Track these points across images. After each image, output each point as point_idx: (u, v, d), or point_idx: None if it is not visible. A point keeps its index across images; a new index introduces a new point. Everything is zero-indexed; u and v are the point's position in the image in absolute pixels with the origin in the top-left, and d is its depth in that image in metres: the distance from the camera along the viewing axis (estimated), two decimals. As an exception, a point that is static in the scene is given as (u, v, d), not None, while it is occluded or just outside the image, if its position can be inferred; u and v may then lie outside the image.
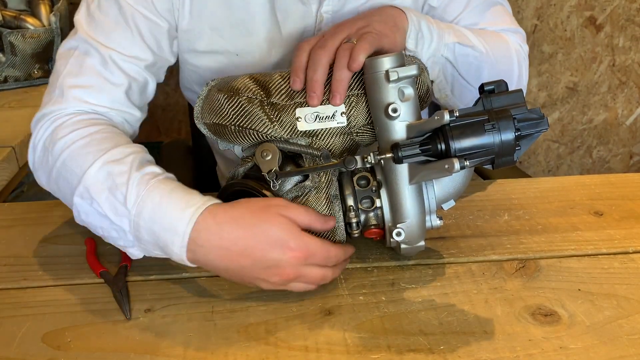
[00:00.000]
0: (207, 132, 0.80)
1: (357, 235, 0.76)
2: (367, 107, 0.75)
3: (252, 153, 0.78)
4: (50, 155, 0.79)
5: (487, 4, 0.97)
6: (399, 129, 0.71)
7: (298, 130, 0.75)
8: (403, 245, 0.75)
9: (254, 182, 0.75)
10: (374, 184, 0.75)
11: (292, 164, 0.77)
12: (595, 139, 2.35)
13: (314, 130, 0.75)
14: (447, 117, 0.66)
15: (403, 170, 0.72)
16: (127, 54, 0.85)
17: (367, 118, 0.75)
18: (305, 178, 0.76)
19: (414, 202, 0.73)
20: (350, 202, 0.75)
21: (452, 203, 0.76)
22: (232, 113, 0.76)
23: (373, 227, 0.75)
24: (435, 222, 0.76)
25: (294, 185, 0.76)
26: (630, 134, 2.35)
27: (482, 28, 0.95)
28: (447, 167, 0.65)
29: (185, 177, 0.88)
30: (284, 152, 0.76)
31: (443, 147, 0.67)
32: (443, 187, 0.75)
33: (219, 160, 1.21)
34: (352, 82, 0.75)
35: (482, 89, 0.69)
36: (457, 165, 0.64)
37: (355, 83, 0.75)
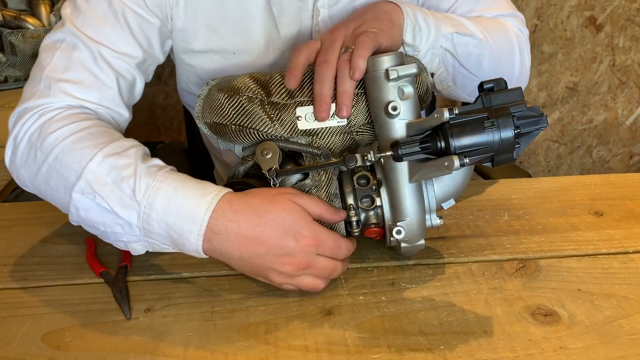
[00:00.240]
0: (207, 131, 0.80)
1: (357, 234, 0.76)
2: (367, 106, 0.75)
3: (252, 152, 0.78)
4: (39, 151, 0.76)
5: None
6: (399, 127, 0.71)
7: (298, 129, 0.75)
8: (403, 244, 0.75)
9: (255, 180, 0.75)
10: (374, 183, 0.75)
11: (292, 163, 0.77)
12: (595, 139, 2.35)
13: (314, 129, 0.75)
14: (446, 114, 0.66)
15: (403, 169, 0.72)
16: (117, 50, 0.84)
17: (367, 117, 0.75)
18: (306, 177, 0.76)
19: (414, 200, 0.73)
20: (350, 200, 0.75)
21: (452, 202, 0.76)
22: (232, 112, 0.76)
23: (373, 225, 0.75)
24: (435, 221, 0.76)
25: (294, 184, 0.76)
26: (630, 134, 2.35)
27: (479, 15, 0.94)
28: (446, 164, 0.65)
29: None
30: (284, 150, 0.76)
31: (443, 144, 0.68)
32: (443, 186, 0.75)
33: (217, 164, 1.20)
34: None
35: (481, 87, 0.69)
36: (456, 163, 0.64)
37: (355, 82, 0.75)
